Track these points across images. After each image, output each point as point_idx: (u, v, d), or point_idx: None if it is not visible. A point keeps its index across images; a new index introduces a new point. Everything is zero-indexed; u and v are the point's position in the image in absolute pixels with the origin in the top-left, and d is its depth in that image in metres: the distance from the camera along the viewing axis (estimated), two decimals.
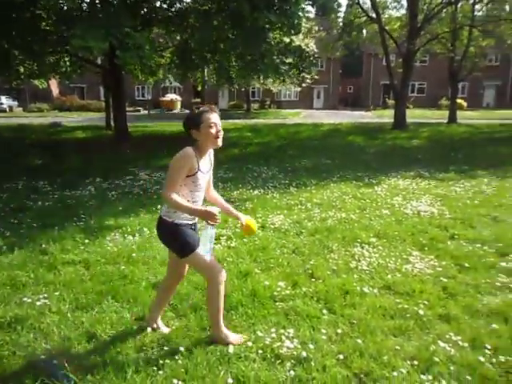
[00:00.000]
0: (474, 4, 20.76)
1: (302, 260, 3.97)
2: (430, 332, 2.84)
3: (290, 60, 12.23)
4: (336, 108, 39.64)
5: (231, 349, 2.53)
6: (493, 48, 25.53)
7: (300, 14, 10.45)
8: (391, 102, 30.17)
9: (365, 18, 19.68)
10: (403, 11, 23.21)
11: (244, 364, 2.41)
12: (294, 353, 2.53)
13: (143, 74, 16.22)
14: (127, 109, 16.06)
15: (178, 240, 2.49)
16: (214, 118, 2.44)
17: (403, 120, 18.26)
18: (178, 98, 35.49)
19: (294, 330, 2.78)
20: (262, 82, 23.47)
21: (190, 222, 2.56)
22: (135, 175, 8.22)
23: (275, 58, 11.45)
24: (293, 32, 10.86)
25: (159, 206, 5.33)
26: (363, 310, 3.04)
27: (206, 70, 18.29)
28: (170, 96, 35.26)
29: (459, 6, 20.79)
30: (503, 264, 3.91)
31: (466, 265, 3.87)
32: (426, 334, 2.82)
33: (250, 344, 2.60)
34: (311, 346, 2.59)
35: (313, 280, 3.53)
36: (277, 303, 3.14)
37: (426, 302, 3.16)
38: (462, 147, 12.19)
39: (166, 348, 2.59)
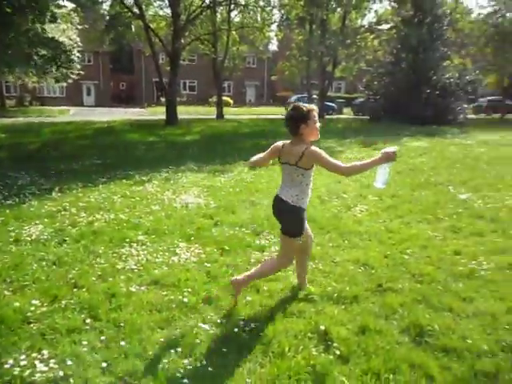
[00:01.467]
0: (229, 11, 22.96)
1: (65, 270, 3.66)
2: (193, 317, 3.01)
3: (44, 52, 11.01)
4: (110, 105, 38.13)
5: None
6: (250, 52, 28.95)
7: None
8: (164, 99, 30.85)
9: (129, 14, 19.38)
10: (168, 10, 23.93)
11: None
12: (50, 375, 2.31)
13: None
14: None
15: (300, 222, 3.06)
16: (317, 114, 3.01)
17: (175, 116, 18.93)
18: None
19: (51, 349, 2.53)
20: (15, 75, 20.55)
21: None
22: None
23: (26, 48, 10.11)
24: (43, 19, 9.75)
25: None
26: (129, 311, 3.01)
27: None
28: None
29: (218, 10, 22.79)
30: (257, 242, 4.47)
31: (227, 248, 4.27)
32: (191, 319, 2.99)
33: None
34: (70, 362, 2.41)
35: (75, 290, 3.29)
36: (31, 325, 2.80)
37: (190, 290, 3.35)
38: (228, 141, 13.43)
39: None
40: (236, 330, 2.85)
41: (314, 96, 25.89)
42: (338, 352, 2.62)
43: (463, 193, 6.68)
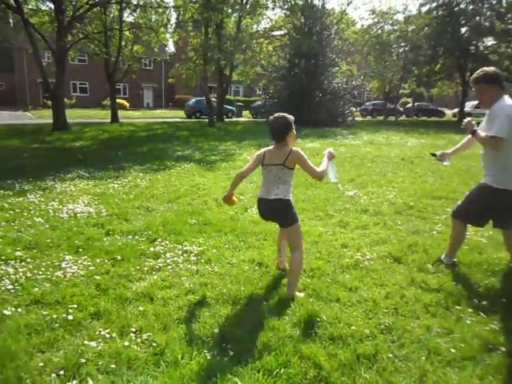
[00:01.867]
0: (121, 9, 21.95)
1: None
2: (79, 335, 2.80)
3: None
4: None
5: None
6: (146, 53, 28.03)
7: None
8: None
9: (3, 6, 17.46)
10: (51, 5, 22.08)
11: None
12: None
13: None
14: None
15: (295, 209, 3.51)
16: None
17: (64, 120, 17.58)
18: None
19: None
20: None
21: None
22: None
23: None
24: None
25: None
26: (2, 337, 2.70)
27: None
28: None
29: (108, 8, 21.68)
30: (151, 249, 4.32)
31: (119, 257, 4.06)
32: (76, 337, 2.77)
33: None
34: None
35: None
36: None
37: (76, 306, 3.11)
38: (122, 145, 12.87)
39: None
40: (127, 343, 2.70)
41: (213, 99, 26.02)
42: (231, 353, 2.63)
43: (351, 190, 7.19)
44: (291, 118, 3.45)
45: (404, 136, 17.35)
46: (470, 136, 3.84)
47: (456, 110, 36.19)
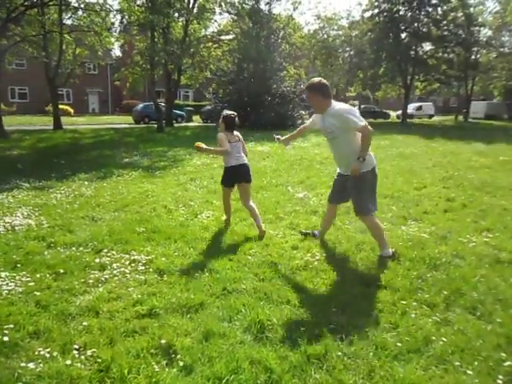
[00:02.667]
0: (61, 12, 21.09)
1: None
2: (18, 356, 2.63)
3: None
4: None
5: None
6: (90, 57, 27.07)
7: None
8: None
9: None
10: None
11: None
12: None
13: None
14: None
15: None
16: None
17: (1, 128, 16.64)
18: None
19: None
20: None
21: None
22: None
23: None
24: None
25: None
26: None
27: None
28: None
29: (47, 11, 20.73)
30: (97, 260, 4.14)
31: (62, 271, 3.86)
32: (14, 359, 2.59)
33: None
34: None
35: None
36: None
37: (12, 326, 2.91)
38: (66, 153, 12.33)
39: None
40: (69, 362, 2.56)
41: (162, 104, 25.60)
42: (181, 363, 2.56)
43: (300, 191, 7.29)
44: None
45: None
46: (301, 126, 5.17)
47: (400, 112, 37.90)
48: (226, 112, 5.28)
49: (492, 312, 3.18)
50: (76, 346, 2.72)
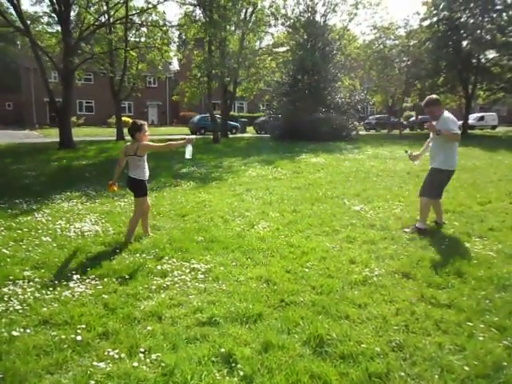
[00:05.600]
0: (126, 30, 22.38)
1: None
2: (89, 355, 2.79)
3: None
4: None
5: None
6: (151, 72, 28.44)
7: None
8: None
9: (12, 29, 17.94)
10: (58, 27, 22.56)
11: None
12: None
13: None
14: None
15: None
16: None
17: (70, 138, 17.81)
18: None
19: None
20: None
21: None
22: None
23: None
24: None
25: None
26: (11, 358, 2.69)
27: None
28: None
29: (114, 29, 22.07)
30: (159, 267, 4.31)
31: (127, 276, 4.06)
32: (85, 358, 2.76)
33: None
34: None
35: None
36: None
37: (84, 326, 3.10)
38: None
39: None
40: (135, 364, 2.69)
41: (217, 116, 26.24)
42: (241, 373, 2.60)
43: (357, 204, 7.17)
44: (142, 122, 5.17)
45: (408, 149, 17.30)
46: (428, 140, 5.93)
47: (460, 123, 36.23)
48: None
49: None
50: (142, 349, 2.85)
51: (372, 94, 33.77)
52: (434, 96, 5.84)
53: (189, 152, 5.18)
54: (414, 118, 40.96)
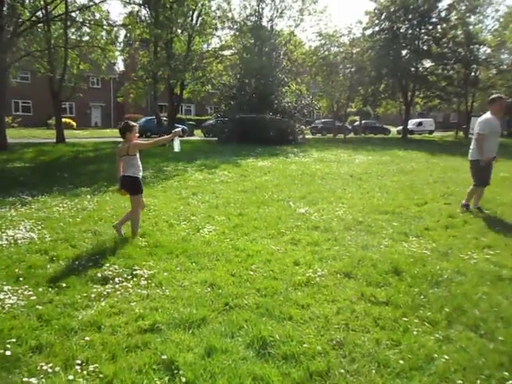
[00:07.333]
0: (66, 27, 21.40)
1: None
2: (20, 371, 2.63)
3: None
4: None
5: None
6: (94, 72, 27.42)
7: None
8: None
9: None
10: None
11: None
12: None
13: None
14: None
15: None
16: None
17: (4, 140, 16.78)
18: None
19: None
20: None
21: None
22: None
23: None
24: None
25: None
26: None
27: None
28: None
29: (54, 26, 21.07)
30: (99, 274, 4.14)
31: (64, 285, 3.87)
32: (16, 374, 2.59)
33: None
34: None
35: None
36: None
37: (14, 340, 2.91)
38: (67, 166, 12.41)
39: None
40: (71, 376, 2.56)
41: (164, 118, 25.79)
42: (183, 379, 2.56)
43: (302, 207, 7.31)
44: (134, 124, 5.33)
45: (352, 153, 17.96)
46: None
47: (400, 128, 38.13)
48: None
49: (494, 330, 3.18)
50: (78, 361, 2.72)
51: (318, 99, 34.68)
52: (492, 96, 6.85)
53: (177, 145, 5.35)
54: (358, 123, 42.58)
